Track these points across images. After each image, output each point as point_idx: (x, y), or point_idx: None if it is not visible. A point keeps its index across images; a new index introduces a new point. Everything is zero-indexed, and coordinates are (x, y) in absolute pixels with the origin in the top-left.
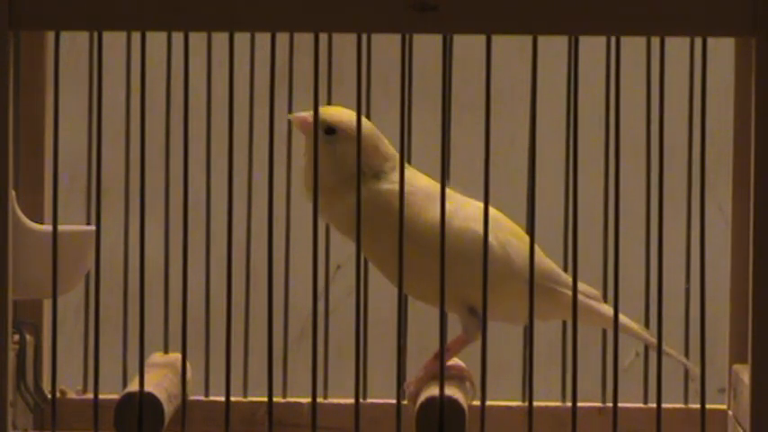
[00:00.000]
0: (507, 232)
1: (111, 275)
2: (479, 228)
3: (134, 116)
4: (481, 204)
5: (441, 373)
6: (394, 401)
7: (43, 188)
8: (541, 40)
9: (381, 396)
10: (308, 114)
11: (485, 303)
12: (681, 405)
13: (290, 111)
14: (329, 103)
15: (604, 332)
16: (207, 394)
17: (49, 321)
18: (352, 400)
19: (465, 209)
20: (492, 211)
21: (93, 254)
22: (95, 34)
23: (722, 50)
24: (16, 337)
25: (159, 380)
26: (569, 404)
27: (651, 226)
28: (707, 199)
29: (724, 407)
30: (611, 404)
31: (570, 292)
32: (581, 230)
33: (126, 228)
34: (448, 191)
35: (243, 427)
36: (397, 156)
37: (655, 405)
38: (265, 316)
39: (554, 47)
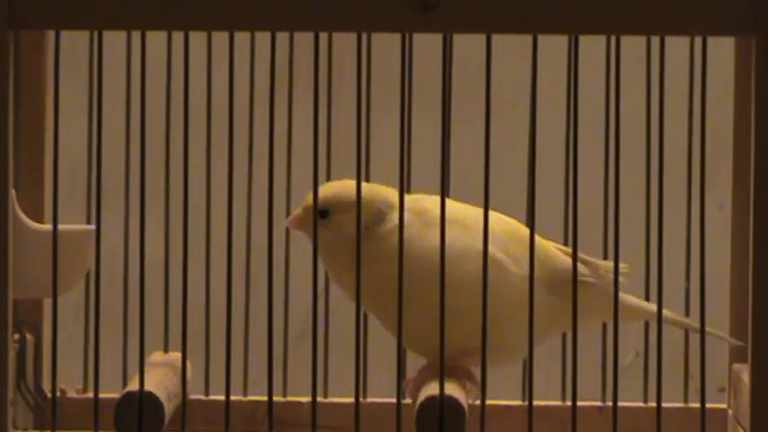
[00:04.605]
0: (518, 245)
1: (112, 275)
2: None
3: (134, 116)
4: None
5: (441, 373)
6: (394, 401)
7: (43, 188)
8: (541, 39)
9: (381, 395)
10: (295, 212)
11: (485, 303)
12: (681, 404)
13: (290, 111)
14: (329, 103)
15: (604, 331)
16: (207, 394)
17: (49, 321)
18: (352, 400)
19: (470, 234)
20: (495, 217)
21: (93, 253)
22: (95, 34)
23: (722, 50)
24: (16, 336)
25: (159, 379)
26: (569, 403)
27: (651, 225)
28: (707, 198)
29: (724, 406)
30: (611, 403)
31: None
32: (581, 230)
33: (126, 228)
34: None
35: (243, 427)
36: (389, 193)
37: (655, 404)
38: (265, 316)
39: (554, 47)
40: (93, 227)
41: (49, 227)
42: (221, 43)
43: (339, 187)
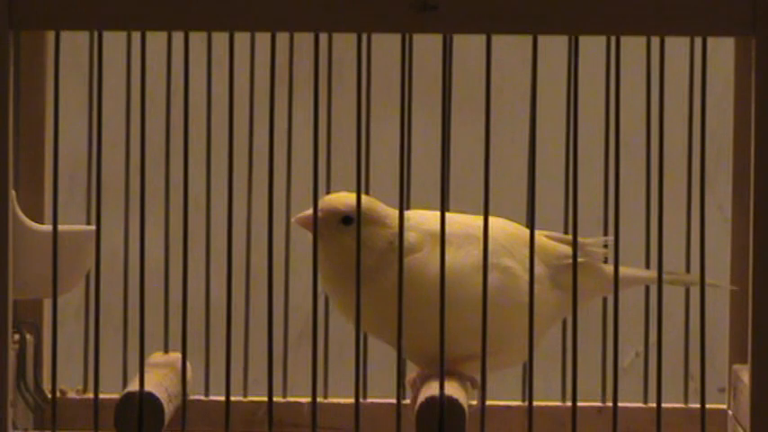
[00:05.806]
0: (522, 245)
1: (111, 275)
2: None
3: (134, 116)
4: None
5: (440, 374)
6: (394, 401)
7: (43, 188)
8: (541, 39)
9: (381, 396)
10: (309, 212)
11: (485, 307)
12: (681, 405)
13: (290, 111)
14: (329, 103)
15: (604, 332)
16: (207, 394)
17: (49, 321)
18: (352, 400)
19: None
20: (494, 222)
21: (93, 254)
22: (95, 34)
23: (722, 50)
24: (16, 336)
25: (159, 380)
26: (569, 404)
27: (651, 225)
28: (707, 198)
29: (724, 406)
30: (610, 404)
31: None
32: (581, 231)
33: (126, 228)
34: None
35: (243, 427)
36: (408, 213)
37: (655, 405)
38: (265, 316)
39: (554, 47)
40: (92, 227)
41: (49, 227)
42: (221, 43)
43: (367, 198)
